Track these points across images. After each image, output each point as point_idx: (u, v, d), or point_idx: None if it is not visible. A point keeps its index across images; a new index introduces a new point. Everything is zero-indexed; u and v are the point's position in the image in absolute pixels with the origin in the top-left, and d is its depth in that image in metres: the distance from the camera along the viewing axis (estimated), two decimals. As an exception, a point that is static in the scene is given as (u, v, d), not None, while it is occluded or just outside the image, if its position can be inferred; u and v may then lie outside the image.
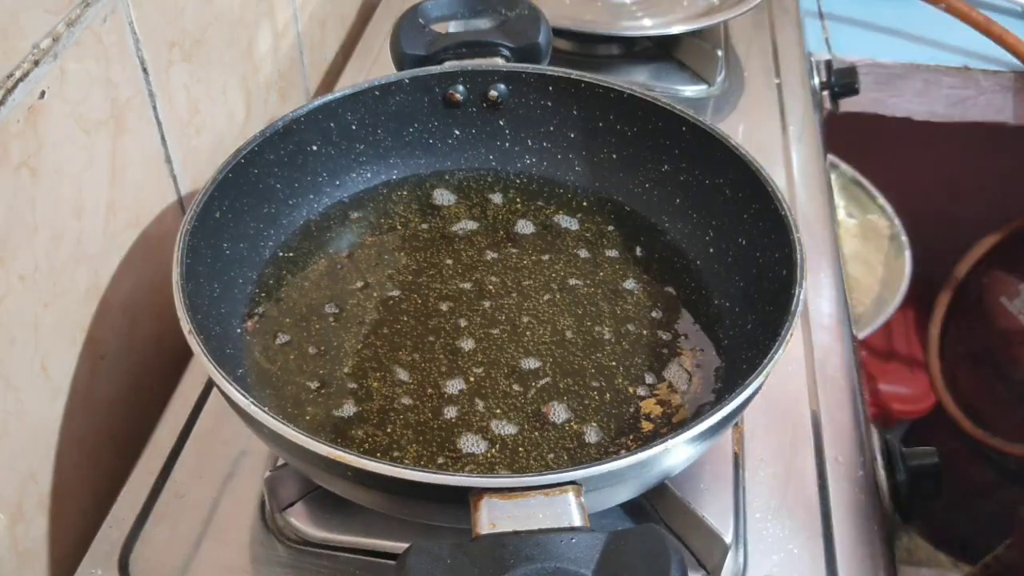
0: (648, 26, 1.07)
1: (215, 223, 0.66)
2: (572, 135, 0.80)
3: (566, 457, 0.60)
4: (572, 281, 0.72)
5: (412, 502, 0.52)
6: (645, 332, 0.68)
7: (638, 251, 0.74)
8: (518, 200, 0.79)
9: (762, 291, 0.65)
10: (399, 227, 0.77)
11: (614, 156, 0.79)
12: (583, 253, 0.74)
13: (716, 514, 0.61)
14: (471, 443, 0.60)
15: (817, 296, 0.82)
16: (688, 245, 0.74)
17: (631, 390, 0.64)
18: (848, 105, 1.23)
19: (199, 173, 0.80)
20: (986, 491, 1.59)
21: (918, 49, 1.27)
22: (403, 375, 0.65)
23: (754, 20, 1.18)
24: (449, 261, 0.74)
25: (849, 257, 1.52)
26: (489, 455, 0.59)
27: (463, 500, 0.47)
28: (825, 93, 1.17)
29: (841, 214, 1.56)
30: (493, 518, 0.45)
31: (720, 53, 1.05)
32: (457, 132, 0.81)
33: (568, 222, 0.77)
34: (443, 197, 0.79)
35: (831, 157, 1.16)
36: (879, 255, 1.53)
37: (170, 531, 0.63)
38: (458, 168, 0.81)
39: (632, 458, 0.48)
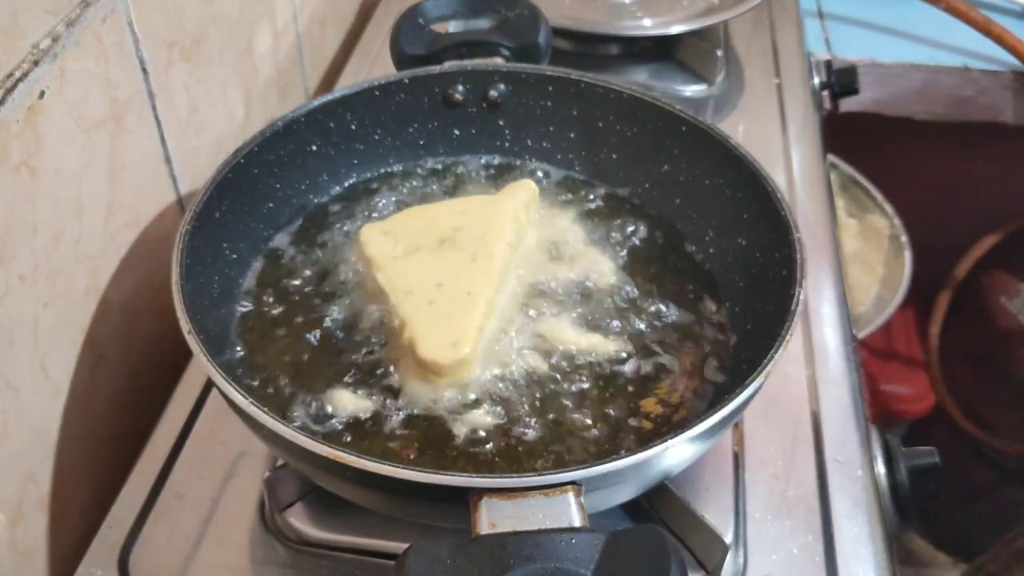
0: (648, 26, 1.07)
1: (215, 223, 0.66)
2: (572, 135, 0.80)
3: (566, 456, 0.60)
4: (572, 282, 0.71)
5: (411, 502, 0.52)
6: (645, 332, 0.68)
7: (638, 252, 0.74)
8: (518, 200, 0.79)
9: (762, 291, 0.65)
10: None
11: (614, 156, 0.79)
12: (583, 253, 0.74)
13: (716, 514, 0.61)
14: (471, 441, 0.60)
15: (817, 296, 0.81)
16: (688, 245, 0.74)
17: (631, 389, 0.64)
18: (848, 105, 1.23)
19: (199, 173, 0.80)
20: (986, 491, 1.59)
21: (918, 49, 1.27)
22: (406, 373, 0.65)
23: (754, 20, 1.18)
24: (449, 261, 0.74)
25: (849, 257, 1.52)
26: (490, 454, 0.59)
27: (463, 500, 0.47)
28: (825, 93, 1.17)
29: (841, 214, 1.56)
30: (493, 518, 0.45)
31: (720, 53, 1.05)
32: (457, 132, 0.81)
33: (568, 222, 0.77)
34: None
35: (831, 157, 1.17)
36: (879, 255, 1.53)
37: (170, 531, 0.63)
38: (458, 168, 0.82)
39: (632, 458, 0.48)
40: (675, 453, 0.51)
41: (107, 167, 0.67)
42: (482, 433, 0.60)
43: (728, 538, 0.60)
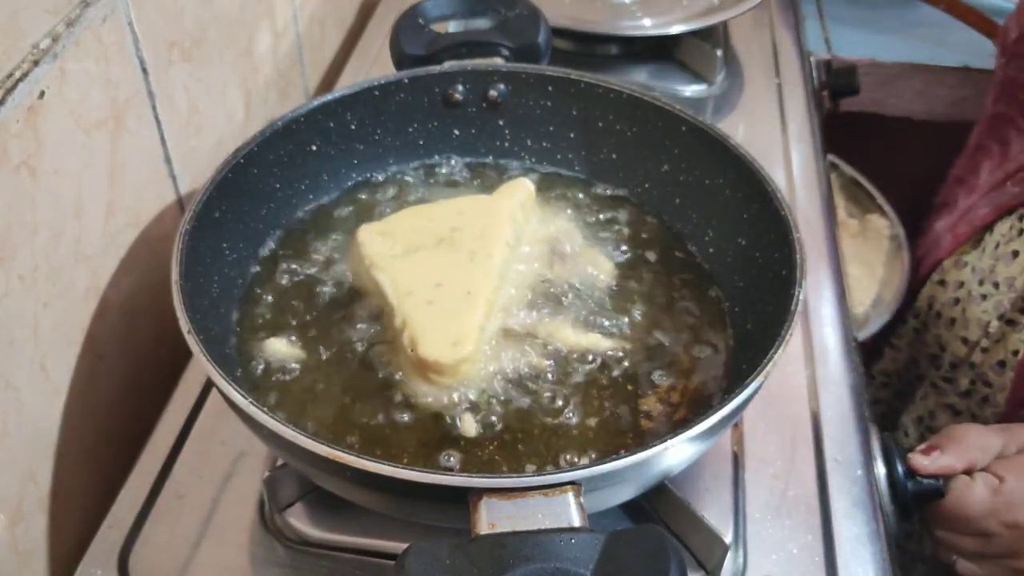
0: (648, 26, 1.07)
1: (214, 223, 0.66)
2: (572, 135, 0.80)
3: (566, 456, 0.60)
4: (571, 281, 0.72)
5: (411, 502, 0.52)
6: (644, 331, 0.68)
7: (637, 252, 0.74)
8: (518, 200, 0.79)
9: (762, 291, 0.65)
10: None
11: (614, 156, 0.79)
12: (582, 252, 0.74)
13: (716, 514, 0.61)
14: (471, 441, 0.60)
15: (817, 296, 0.81)
16: (688, 245, 0.74)
17: (630, 388, 0.64)
18: (848, 105, 1.23)
19: (198, 173, 0.80)
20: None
21: (918, 49, 1.27)
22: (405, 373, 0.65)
23: (754, 20, 1.18)
24: (449, 261, 0.74)
25: (849, 257, 1.51)
26: (489, 453, 0.59)
27: (462, 500, 0.47)
28: (825, 93, 1.17)
29: (841, 214, 1.56)
30: (492, 518, 0.45)
31: (720, 53, 1.05)
32: (457, 132, 0.81)
33: (567, 222, 0.77)
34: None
35: (831, 157, 1.16)
36: (879, 255, 1.53)
37: (170, 531, 0.63)
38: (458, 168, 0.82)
39: (632, 458, 0.48)
40: (675, 453, 0.51)
41: (107, 167, 0.67)
42: (482, 432, 0.60)
43: (728, 538, 0.60)
